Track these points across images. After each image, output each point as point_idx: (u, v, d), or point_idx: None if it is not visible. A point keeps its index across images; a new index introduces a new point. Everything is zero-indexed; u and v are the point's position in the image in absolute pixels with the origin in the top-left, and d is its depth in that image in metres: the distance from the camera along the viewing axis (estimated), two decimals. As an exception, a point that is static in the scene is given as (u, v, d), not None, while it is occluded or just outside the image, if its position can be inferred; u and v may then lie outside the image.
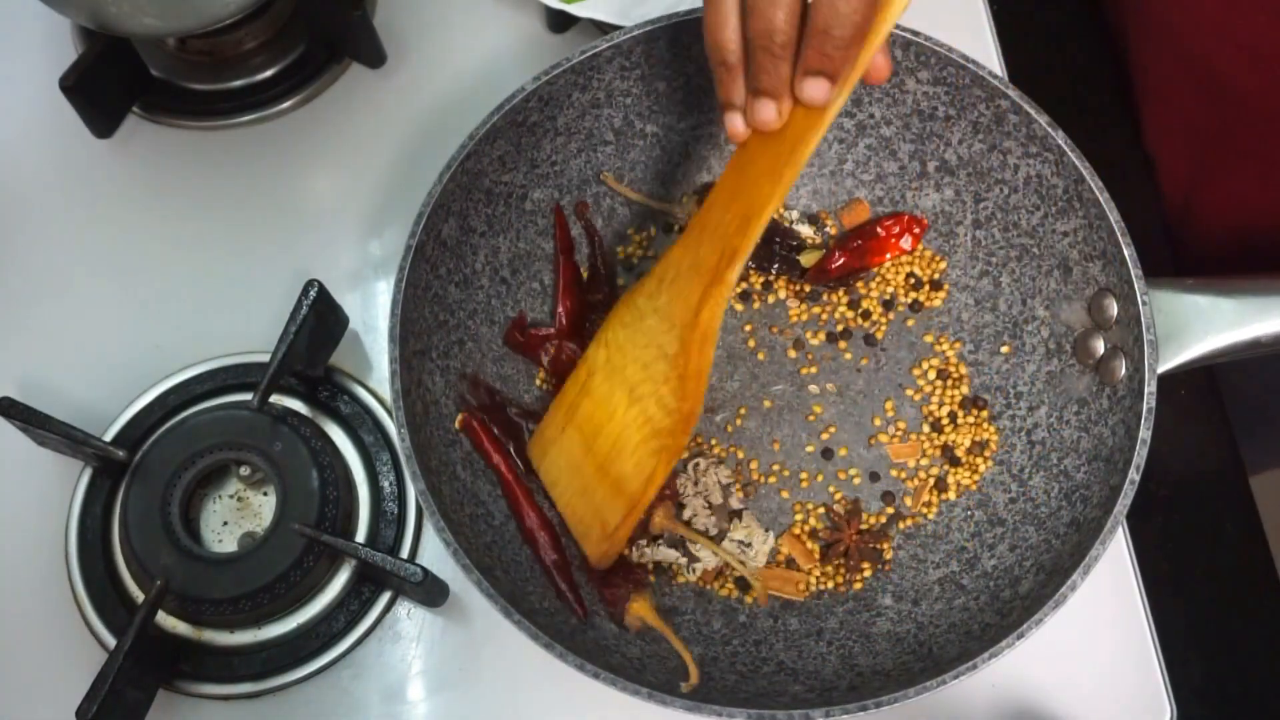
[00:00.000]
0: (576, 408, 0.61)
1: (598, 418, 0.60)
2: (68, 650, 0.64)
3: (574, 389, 0.62)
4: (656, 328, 0.58)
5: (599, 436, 0.60)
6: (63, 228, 0.74)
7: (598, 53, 0.65)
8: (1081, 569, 0.56)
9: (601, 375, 0.60)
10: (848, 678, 0.59)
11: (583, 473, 0.61)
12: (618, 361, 0.60)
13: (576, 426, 0.61)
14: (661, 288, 0.58)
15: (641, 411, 0.58)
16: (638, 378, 0.58)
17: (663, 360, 0.57)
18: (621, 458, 0.59)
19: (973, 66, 0.65)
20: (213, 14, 0.70)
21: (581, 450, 0.61)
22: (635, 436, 0.58)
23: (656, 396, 0.58)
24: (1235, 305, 0.60)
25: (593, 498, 0.60)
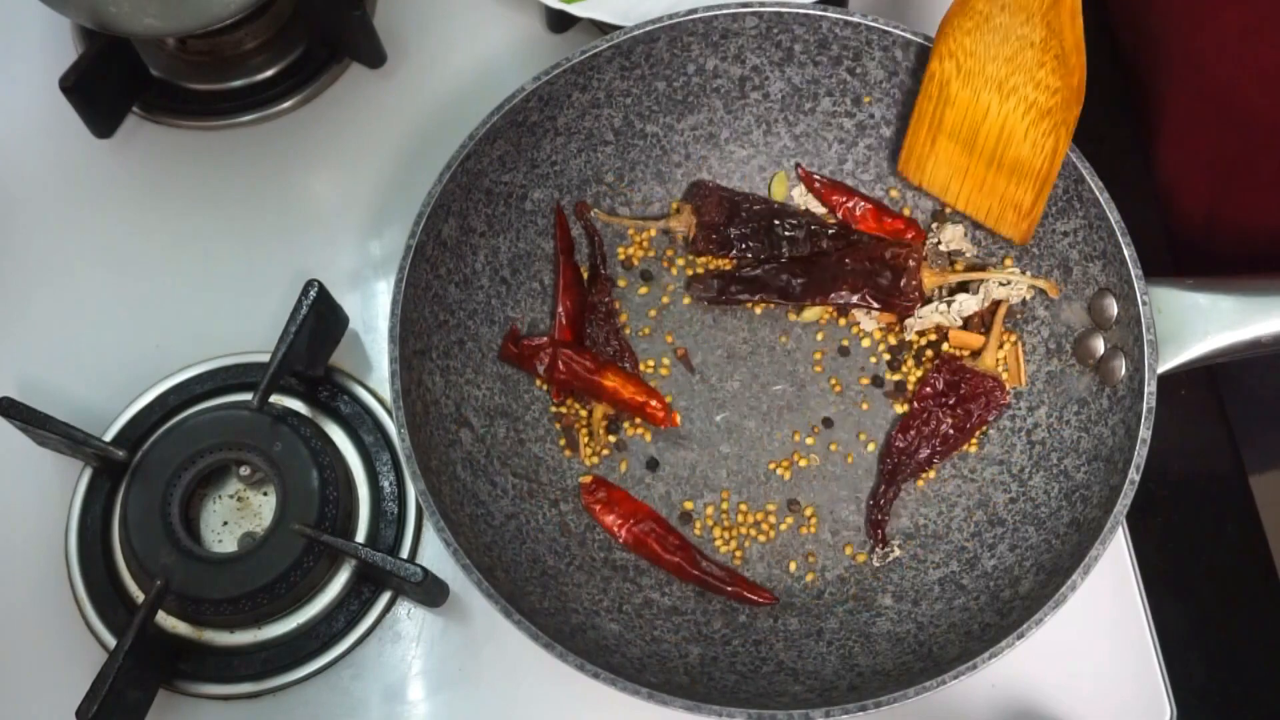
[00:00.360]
0: (941, 118, 0.64)
1: (972, 119, 0.63)
2: (68, 650, 0.64)
3: (929, 105, 0.64)
4: (1010, 23, 0.59)
5: (979, 135, 0.63)
6: (63, 228, 0.74)
7: (598, 53, 0.65)
8: (1081, 569, 0.56)
9: (958, 82, 0.63)
10: (848, 678, 0.59)
11: (974, 172, 0.65)
12: (972, 66, 0.62)
13: (947, 135, 0.65)
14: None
15: (1021, 100, 0.61)
16: (1004, 72, 0.61)
17: (1029, 49, 0.59)
18: (1013, 145, 0.62)
19: (973, 66, 0.65)
20: (213, 14, 0.70)
21: (963, 153, 0.64)
22: (1022, 124, 0.61)
23: (1034, 82, 0.60)
24: (1235, 305, 0.60)
25: (994, 188, 0.65)
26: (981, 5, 0.60)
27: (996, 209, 0.65)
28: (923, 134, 0.66)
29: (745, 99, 0.70)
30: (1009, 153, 0.63)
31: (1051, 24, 0.58)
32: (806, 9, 0.66)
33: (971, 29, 0.61)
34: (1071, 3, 0.57)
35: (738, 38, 0.67)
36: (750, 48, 0.68)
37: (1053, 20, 0.58)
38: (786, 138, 0.71)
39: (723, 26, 0.67)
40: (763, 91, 0.70)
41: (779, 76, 0.69)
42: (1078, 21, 0.57)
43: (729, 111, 0.71)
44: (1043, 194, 0.63)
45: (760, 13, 0.66)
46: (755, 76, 0.69)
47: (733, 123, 0.71)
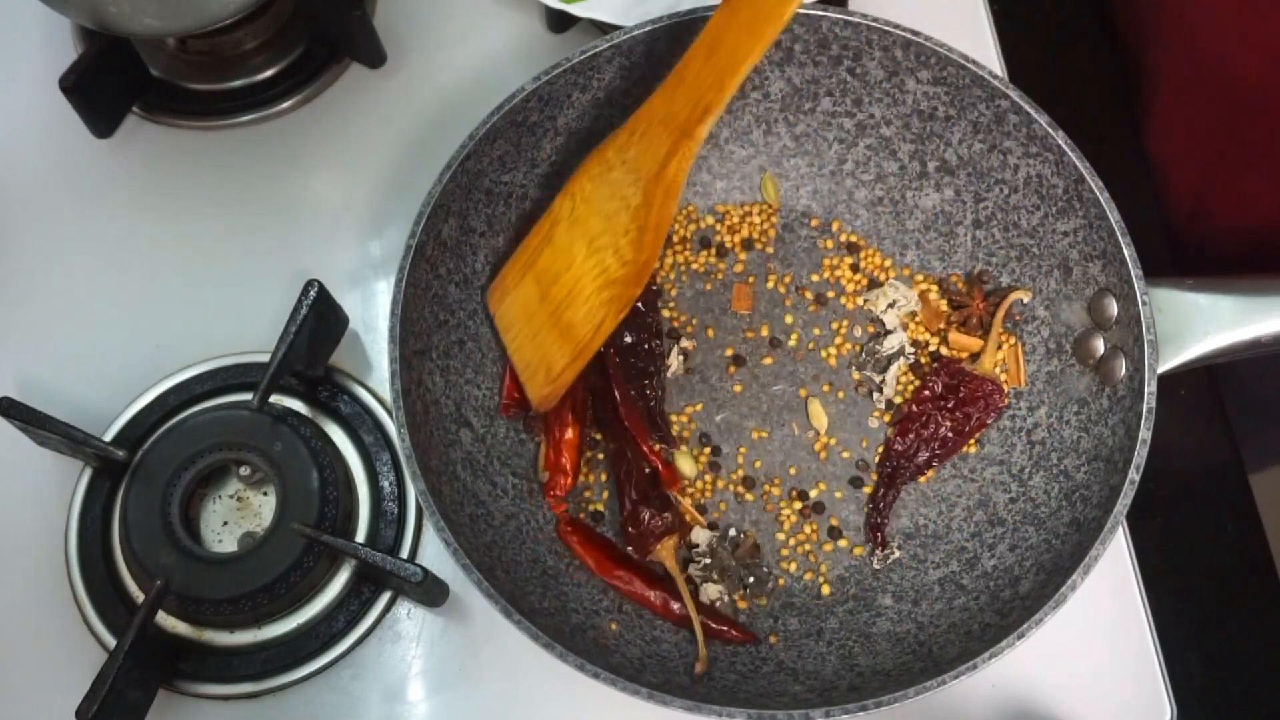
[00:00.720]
0: (537, 256, 0.63)
1: (556, 267, 0.62)
2: (68, 650, 0.64)
3: (537, 239, 0.63)
4: (623, 180, 0.59)
5: (555, 284, 0.61)
6: (63, 228, 0.74)
7: (598, 53, 0.65)
8: (1081, 569, 0.56)
9: (564, 225, 0.62)
10: (848, 678, 0.59)
11: (535, 319, 0.62)
12: (581, 213, 0.61)
13: (535, 275, 0.63)
14: (632, 140, 0.59)
15: (599, 262, 0.59)
16: (599, 229, 0.60)
17: (625, 212, 0.58)
18: (574, 305, 0.60)
19: (973, 66, 0.65)
20: (213, 14, 0.70)
21: (537, 298, 0.62)
22: (590, 286, 0.60)
23: (615, 248, 0.59)
24: (1235, 305, 0.60)
25: (542, 343, 0.62)
26: (610, 155, 0.60)
27: (534, 364, 0.63)
28: (520, 265, 0.64)
29: (745, 99, 0.70)
30: (568, 313, 0.61)
31: (647, 194, 0.57)
32: (806, 9, 0.66)
33: (596, 175, 0.61)
34: (669, 181, 0.56)
35: (738, 38, 0.67)
36: (750, 48, 0.68)
37: (649, 191, 0.57)
38: (786, 138, 0.71)
39: (723, 26, 0.67)
40: (762, 91, 0.70)
41: (779, 76, 0.69)
42: (668, 205, 0.57)
43: (729, 111, 0.71)
44: (575, 364, 0.61)
45: (760, 13, 0.66)
46: (755, 76, 0.69)
47: (732, 123, 0.71)
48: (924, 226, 0.71)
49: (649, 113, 0.59)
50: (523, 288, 0.63)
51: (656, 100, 0.58)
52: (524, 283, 0.63)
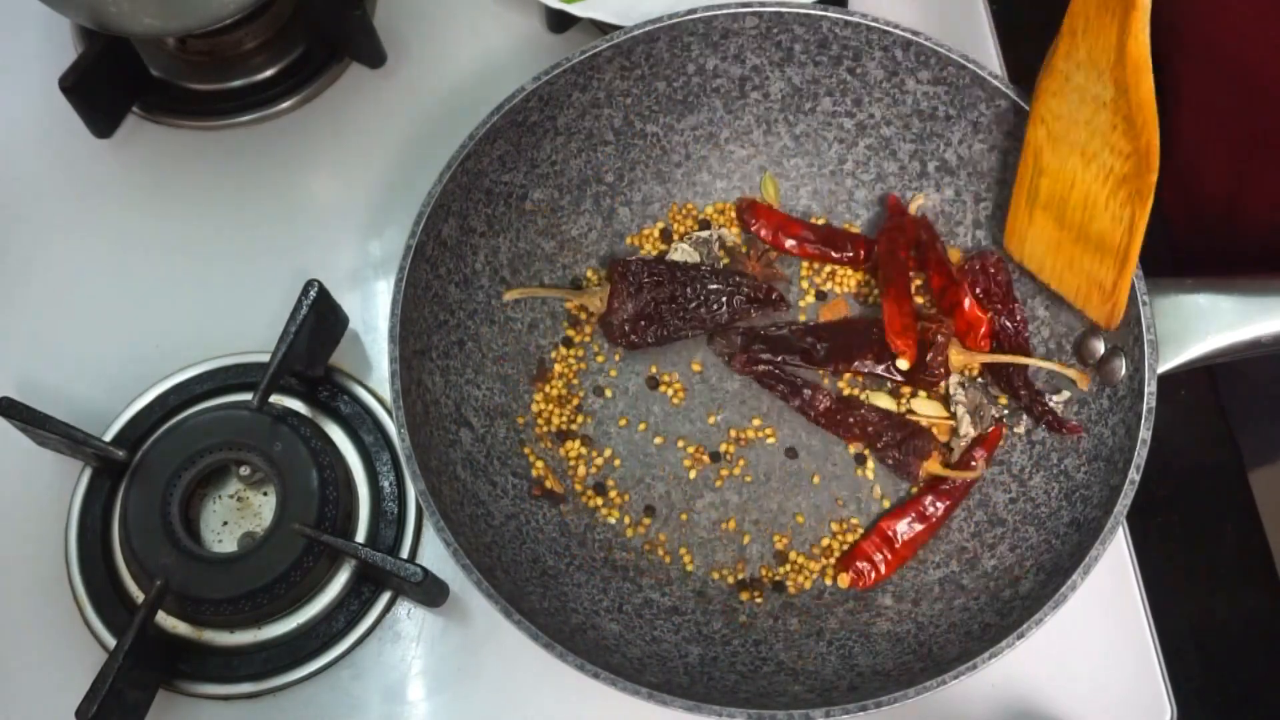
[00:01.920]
0: (1037, 190, 0.62)
1: (1060, 190, 0.61)
2: (68, 650, 0.64)
3: (1027, 174, 0.62)
4: (1085, 82, 0.57)
5: (1067, 207, 0.61)
6: (63, 228, 0.74)
7: (598, 53, 0.65)
8: (1081, 569, 0.56)
9: (1048, 149, 0.61)
10: (848, 678, 0.59)
11: (1063, 248, 0.62)
12: (1059, 130, 0.60)
13: (1042, 207, 0.62)
14: (1077, 41, 0.57)
15: (1100, 166, 0.58)
16: (1084, 136, 0.58)
17: (1103, 110, 0.57)
18: (1096, 218, 0.59)
19: (973, 66, 0.65)
20: (213, 14, 0.70)
21: (1055, 227, 0.62)
22: (1102, 193, 0.59)
23: (1110, 146, 0.57)
24: (1235, 305, 0.60)
25: (1082, 266, 0.61)
26: (1061, 64, 0.58)
27: (1084, 289, 0.62)
28: (1022, 206, 0.64)
29: (745, 99, 0.70)
30: (1093, 226, 0.60)
31: (1119, 81, 0.55)
32: (806, 9, 0.66)
33: (1056, 90, 0.59)
34: (1134, 59, 0.55)
35: (738, 37, 0.67)
36: (750, 47, 0.68)
37: (1119, 77, 0.55)
38: (786, 138, 0.71)
39: (723, 26, 0.67)
40: (763, 91, 0.70)
41: (779, 76, 0.69)
42: (1144, 81, 0.55)
43: (729, 111, 0.71)
44: (1124, 272, 0.60)
45: (760, 12, 0.66)
46: (755, 76, 0.69)
47: (733, 123, 0.71)
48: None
49: (1080, 9, 0.56)
50: (1036, 225, 0.63)
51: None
52: (1035, 220, 0.63)
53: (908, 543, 0.63)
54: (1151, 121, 0.55)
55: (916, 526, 0.63)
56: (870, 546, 0.64)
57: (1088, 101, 0.58)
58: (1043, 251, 0.64)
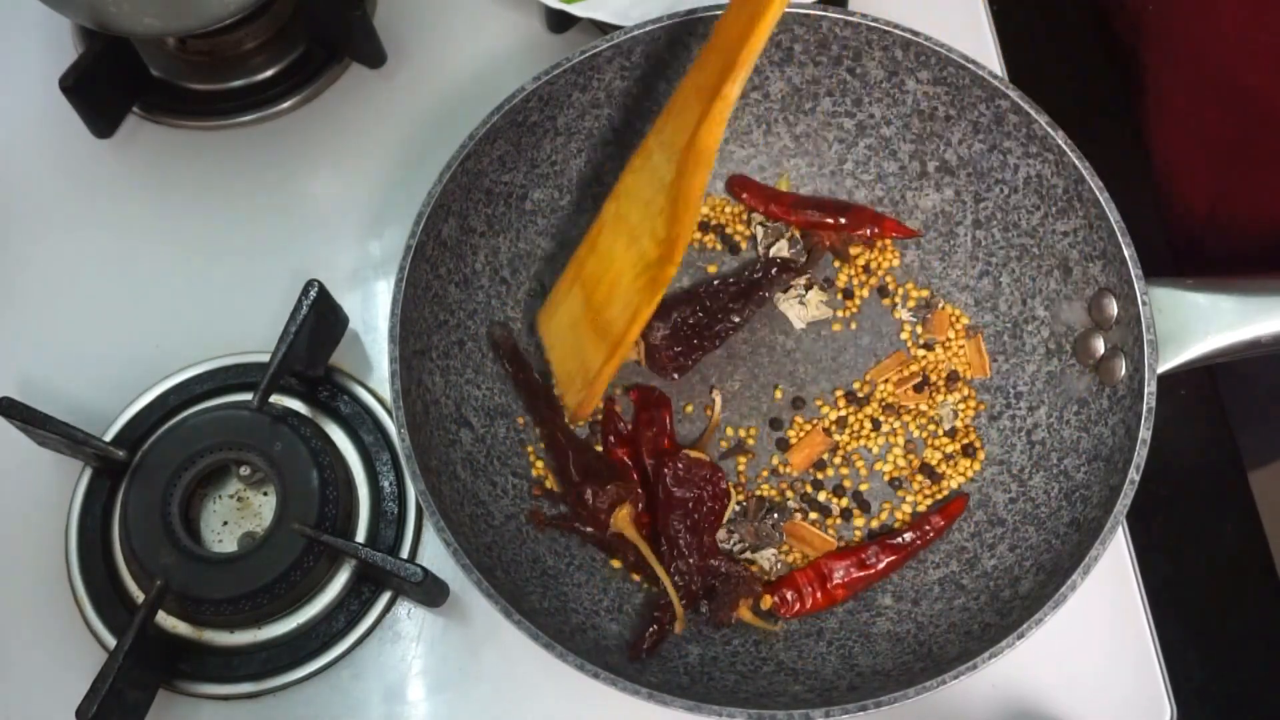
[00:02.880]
0: (583, 265, 0.60)
1: (599, 270, 0.59)
2: (68, 650, 0.64)
3: (584, 248, 0.61)
4: (660, 163, 0.56)
5: (598, 288, 0.59)
6: (63, 228, 0.74)
7: (598, 53, 0.65)
8: (1081, 569, 0.56)
9: (609, 228, 0.59)
10: (848, 678, 0.59)
11: (578, 327, 0.60)
12: (624, 209, 0.58)
13: (580, 284, 0.60)
14: (668, 120, 0.56)
15: (638, 251, 0.57)
16: (638, 218, 0.57)
17: (661, 193, 0.56)
18: (613, 302, 0.57)
19: (973, 66, 0.65)
20: (213, 14, 0.70)
21: (582, 305, 0.60)
22: (628, 277, 0.57)
23: (650, 230, 0.56)
24: (1235, 305, 0.60)
25: (582, 349, 0.59)
26: (650, 141, 0.58)
27: (573, 372, 0.61)
28: (567, 279, 0.62)
29: (745, 99, 0.70)
30: (608, 310, 0.58)
31: (680, 165, 0.55)
32: (806, 9, 0.66)
33: (638, 168, 0.58)
34: (700, 148, 0.54)
35: (738, 38, 0.67)
36: (750, 48, 0.68)
37: (683, 163, 0.54)
38: (786, 138, 0.71)
39: (723, 26, 0.67)
40: (763, 91, 0.70)
41: (779, 76, 0.69)
42: (701, 173, 0.54)
43: (729, 111, 0.71)
44: (610, 361, 0.57)
45: (760, 13, 0.66)
46: (755, 76, 0.69)
47: (733, 123, 0.71)
48: (924, 226, 0.71)
49: (682, 89, 0.56)
50: (569, 299, 0.61)
51: (690, 75, 0.56)
52: (571, 294, 0.61)
53: (841, 585, 0.62)
54: (689, 217, 0.54)
55: (854, 572, 0.62)
56: (803, 578, 0.63)
57: (654, 182, 0.56)
58: (562, 327, 0.61)
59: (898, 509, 0.66)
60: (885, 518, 0.66)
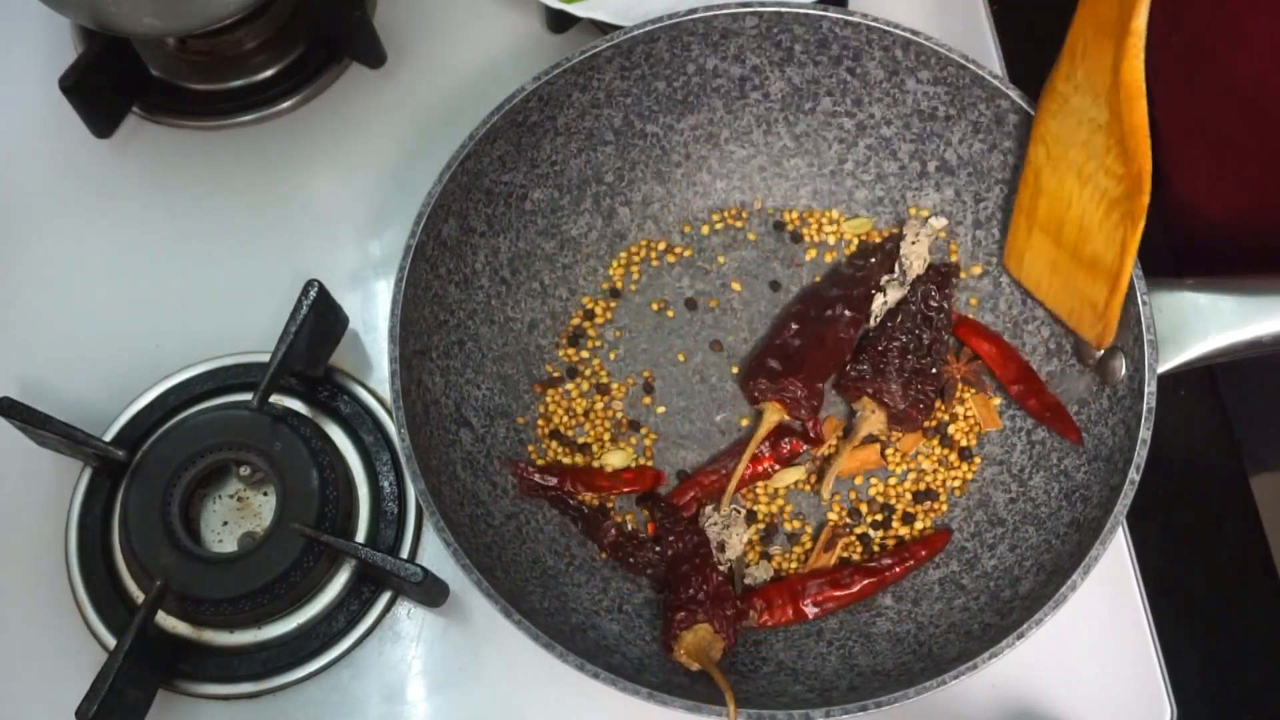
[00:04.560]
0: (1035, 209, 0.63)
1: (1057, 210, 0.61)
2: (68, 650, 0.64)
3: (1027, 193, 0.63)
4: (1082, 104, 0.58)
5: (1064, 227, 0.61)
6: (63, 228, 0.74)
7: (598, 53, 0.65)
8: (1081, 569, 0.56)
9: (1048, 170, 0.61)
10: (848, 678, 0.59)
11: (1059, 267, 0.62)
12: (1058, 152, 0.60)
13: (1040, 226, 0.63)
14: (1075, 63, 0.58)
15: (1095, 188, 0.59)
16: (1081, 158, 0.59)
17: (1099, 132, 0.57)
18: (1090, 238, 0.60)
19: (973, 66, 0.65)
20: (213, 14, 0.70)
21: (1053, 247, 0.62)
22: (1096, 214, 0.59)
23: (1104, 168, 0.58)
24: (1235, 305, 0.60)
25: (1076, 286, 0.62)
26: (1061, 86, 0.59)
27: (1078, 309, 0.63)
28: (1021, 225, 0.64)
29: (745, 99, 0.70)
30: (1087, 246, 0.60)
31: (1113, 106, 0.56)
32: (806, 9, 0.66)
33: (1055, 111, 0.60)
34: (1128, 84, 0.55)
35: (738, 37, 0.67)
36: (750, 47, 0.68)
37: (1113, 102, 0.56)
38: (786, 138, 0.71)
39: (723, 26, 0.67)
40: (763, 91, 0.70)
41: (779, 76, 0.69)
42: (1137, 106, 0.55)
43: (729, 111, 0.71)
44: (1115, 293, 0.60)
45: (760, 12, 0.66)
46: (755, 76, 0.69)
47: (733, 123, 0.71)
48: (924, 226, 0.71)
49: (1080, 31, 0.57)
50: (1034, 243, 0.63)
51: (1081, 16, 0.57)
52: (1033, 238, 0.63)
53: (815, 600, 0.62)
54: (1144, 146, 0.56)
55: (827, 590, 0.62)
56: (774, 592, 0.63)
57: (1084, 124, 0.58)
58: (1040, 270, 0.64)
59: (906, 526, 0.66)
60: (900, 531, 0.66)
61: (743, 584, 0.64)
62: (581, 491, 0.64)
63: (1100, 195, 0.59)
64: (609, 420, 0.68)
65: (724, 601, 0.60)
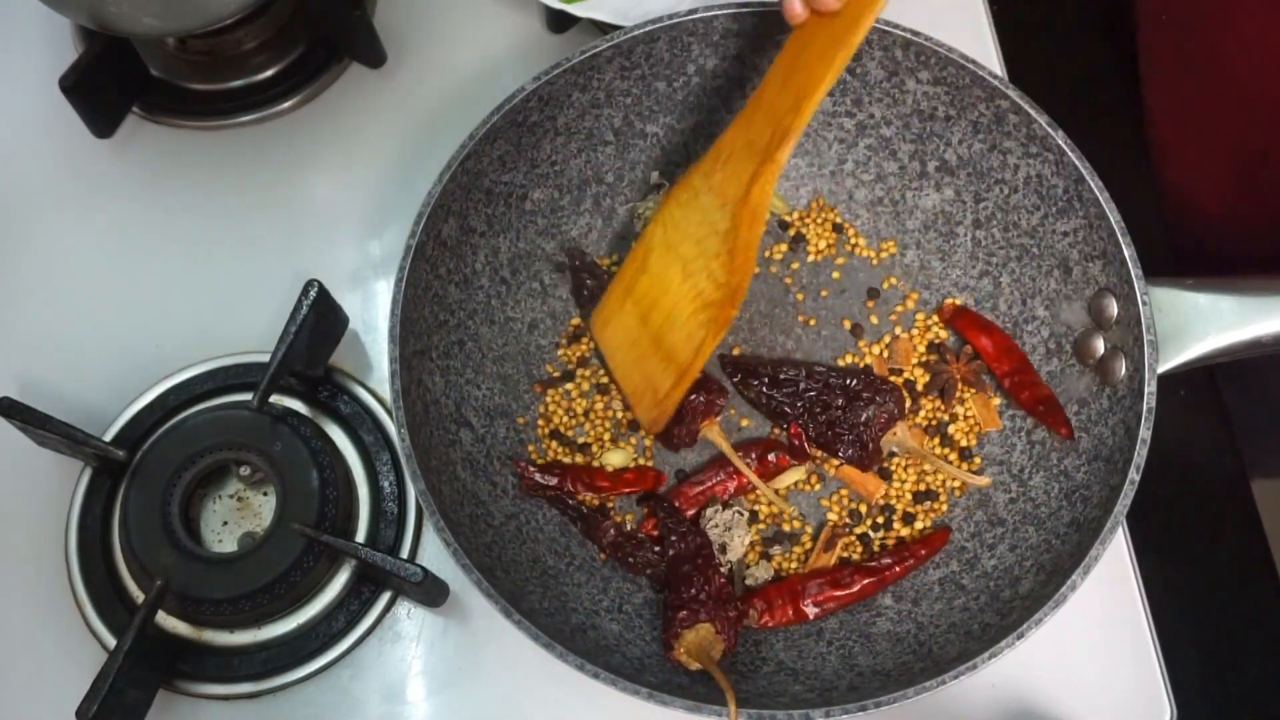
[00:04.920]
0: (635, 283, 0.64)
1: (654, 293, 0.63)
2: (68, 650, 0.64)
3: (632, 266, 0.64)
4: (710, 205, 0.60)
5: (654, 310, 0.62)
6: (63, 228, 0.74)
7: (597, 53, 0.65)
8: (1081, 569, 0.56)
9: (658, 252, 0.63)
10: (848, 678, 0.59)
11: (639, 345, 0.64)
12: (673, 239, 0.62)
13: (634, 301, 0.64)
14: (716, 166, 0.60)
15: (694, 286, 0.60)
16: (691, 253, 0.61)
17: (714, 236, 0.59)
18: (674, 329, 0.61)
19: (972, 66, 0.65)
20: (213, 14, 0.70)
21: (638, 323, 0.63)
22: (687, 309, 0.61)
23: (708, 271, 0.60)
24: (1235, 304, 0.60)
25: (646, 366, 0.63)
26: (697, 181, 0.61)
27: (641, 388, 0.64)
28: (618, 293, 0.65)
29: (745, 98, 0.70)
30: (669, 336, 0.62)
31: (735, 217, 0.58)
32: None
33: (685, 202, 0.62)
34: (755, 205, 0.57)
35: (737, 38, 0.67)
36: (750, 48, 0.68)
37: (737, 214, 0.58)
38: (786, 138, 0.71)
39: (722, 26, 0.67)
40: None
41: (779, 76, 0.69)
42: (755, 227, 0.58)
43: (729, 111, 0.70)
44: (678, 386, 0.61)
45: (760, 12, 0.66)
46: (755, 76, 0.69)
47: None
48: (924, 226, 0.71)
49: (729, 140, 0.60)
50: (623, 314, 0.65)
51: (737, 126, 0.60)
52: (624, 309, 0.64)
53: (815, 600, 0.62)
54: (747, 267, 0.58)
55: (827, 590, 0.62)
56: (775, 592, 0.63)
57: (705, 224, 0.60)
58: (619, 341, 0.65)
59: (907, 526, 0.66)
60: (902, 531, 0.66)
61: (743, 584, 0.64)
62: (582, 492, 0.64)
63: (696, 294, 0.60)
64: (609, 420, 0.68)
65: (726, 603, 0.60)
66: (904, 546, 0.64)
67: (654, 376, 0.63)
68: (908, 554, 0.63)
